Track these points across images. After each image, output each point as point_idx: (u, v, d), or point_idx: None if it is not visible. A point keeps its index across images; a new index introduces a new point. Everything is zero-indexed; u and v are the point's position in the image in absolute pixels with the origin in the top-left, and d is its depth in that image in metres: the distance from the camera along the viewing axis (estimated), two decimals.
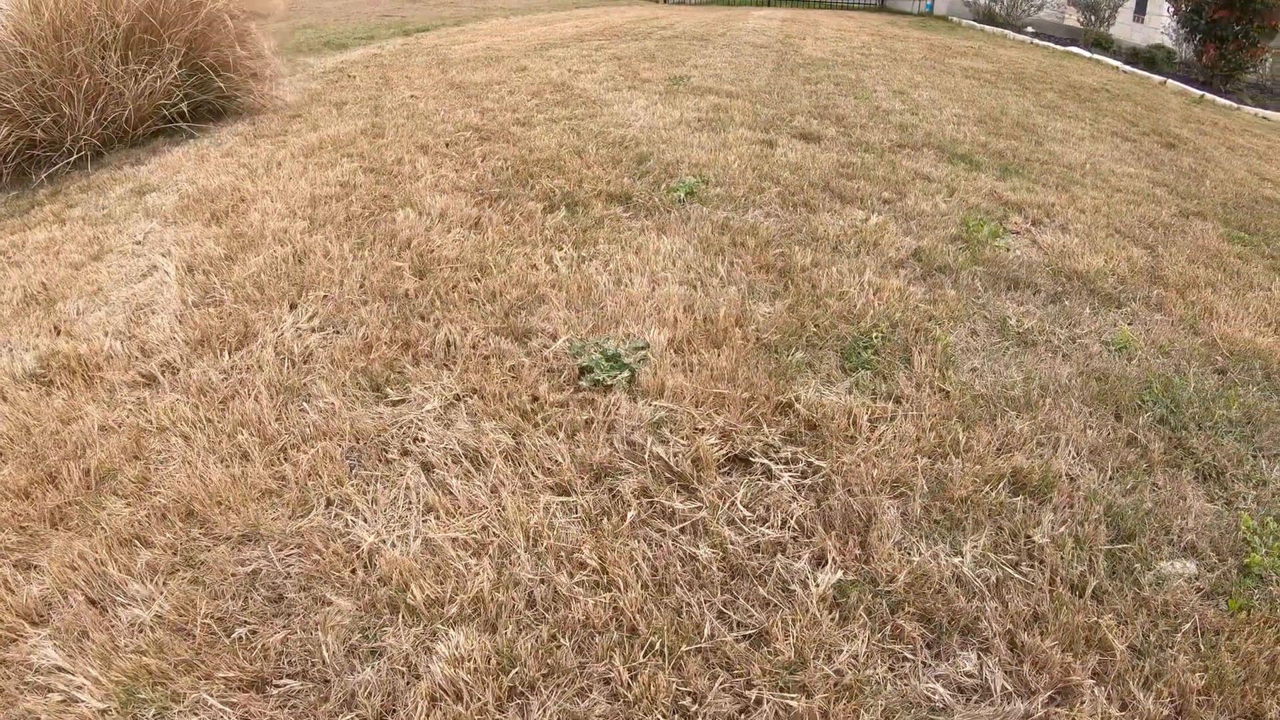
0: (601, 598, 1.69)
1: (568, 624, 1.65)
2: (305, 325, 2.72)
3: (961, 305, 2.97)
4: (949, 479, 2.00)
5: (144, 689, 1.67)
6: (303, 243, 3.34)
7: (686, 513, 1.91)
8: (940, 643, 1.68)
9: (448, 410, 2.30)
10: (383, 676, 1.62)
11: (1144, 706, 1.57)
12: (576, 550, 1.80)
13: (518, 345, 2.61)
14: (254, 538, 1.97)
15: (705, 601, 1.69)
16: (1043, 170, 4.91)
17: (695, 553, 1.80)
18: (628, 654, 1.58)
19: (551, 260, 3.17)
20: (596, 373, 2.36)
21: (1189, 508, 2.08)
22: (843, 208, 3.89)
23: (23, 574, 1.96)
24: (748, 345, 2.59)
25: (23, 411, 2.47)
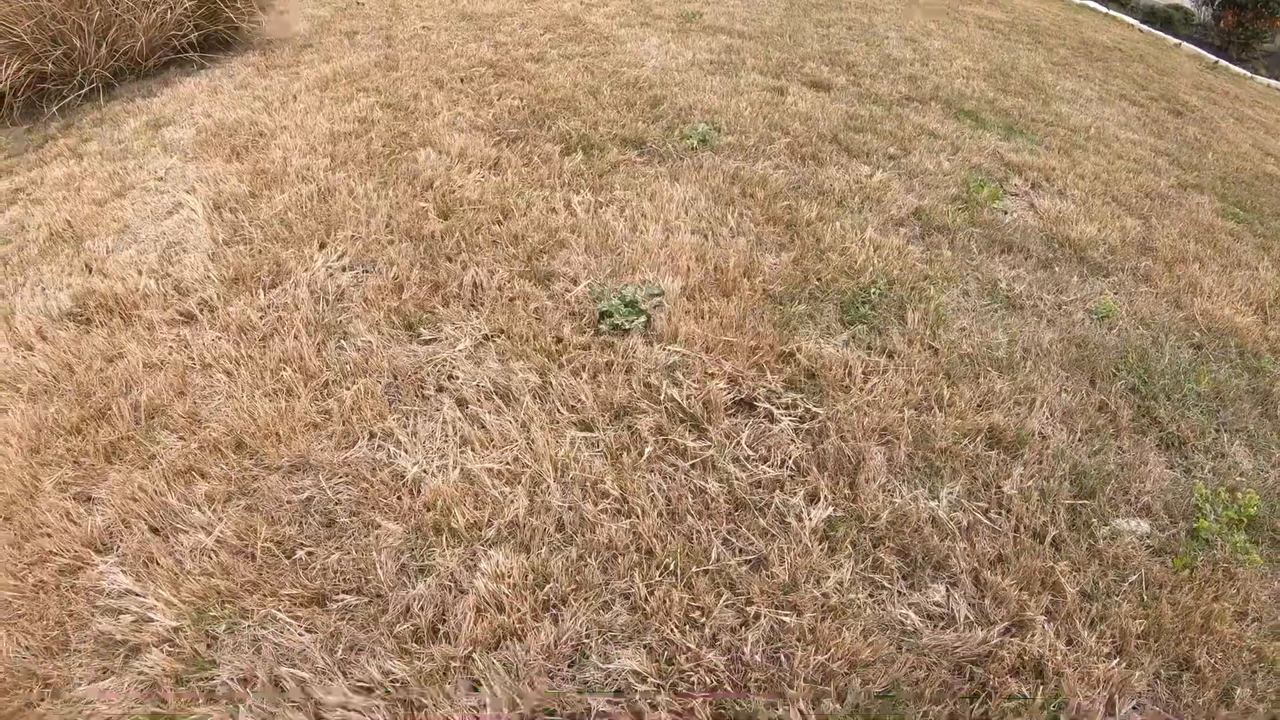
0: (622, 524, 1.96)
1: (593, 546, 1.92)
2: (336, 264, 2.90)
3: (956, 266, 3.17)
4: (932, 430, 2.26)
5: (214, 607, 1.89)
6: (326, 180, 3.47)
7: (697, 450, 2.16)
8: (914, 575, 1.95)
9: (478, 349, 2.51)
10: (433, 591, 1.87)
11: (1087, 643, 1.85)
12: (600, 481, 2.05)
13: (541, 289, 2.80)
14: (304, 468, 2.18)
15: (712, 530, 1.96)
16: (1047, 132, 5.04)
17: (704, 486, 2.06)
18: (646, 573, 1.85)
19: (570, 205, 3.33)
20: (615, 317, 2.57)
21: (1149, 472, 2.33)
22: (849, 162, 4.03)
23: (83, 506, 2.15)
24: (755, 295, 2.79)
25: (64, 350, 2.62)
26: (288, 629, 1.86)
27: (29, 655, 1.87)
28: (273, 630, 1.86)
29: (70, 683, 1.82)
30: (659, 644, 1.73)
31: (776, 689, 1.68)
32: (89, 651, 1.87)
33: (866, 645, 1.75)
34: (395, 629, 1.81)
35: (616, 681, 1.68)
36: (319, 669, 1.79)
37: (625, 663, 1.68)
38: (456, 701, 1.68)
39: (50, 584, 2.00)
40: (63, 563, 2.03)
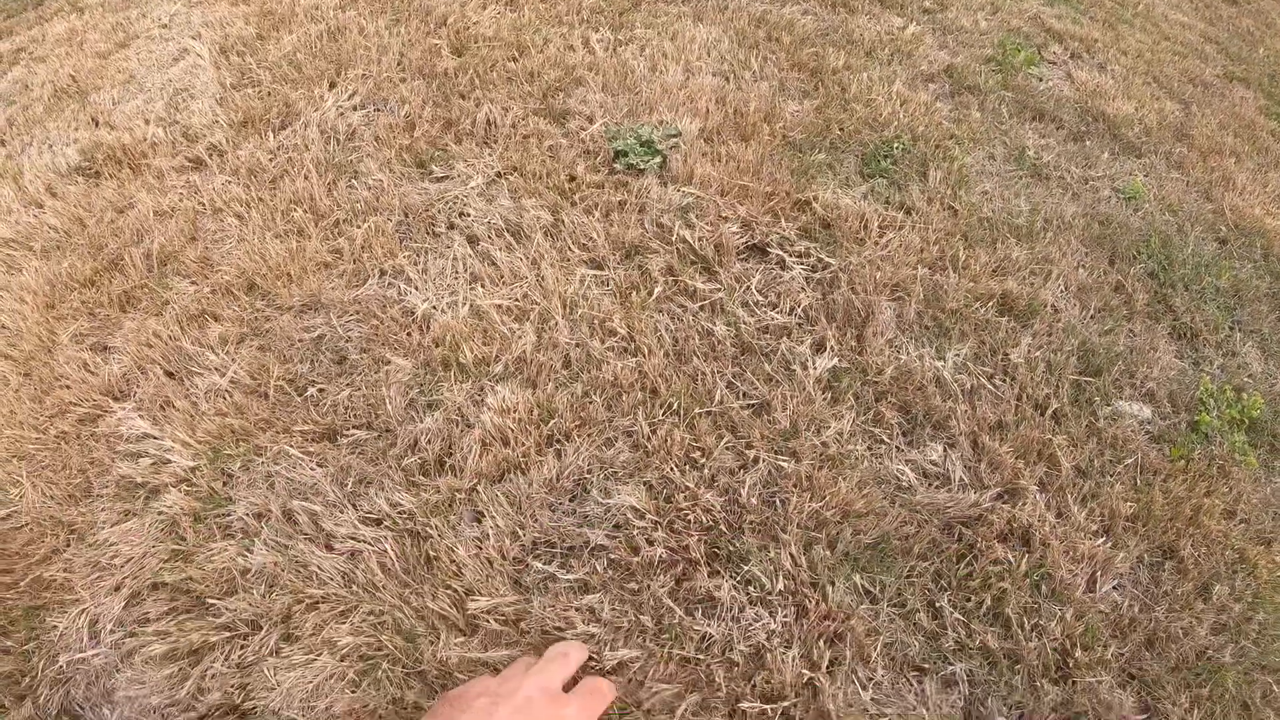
0: (628, 362, 1.97)
1: (599, 383, 1.94)
2: (346, 104, 2.84)
3: (984, 128, 3.08)
4: (944, 291, 2.24)
5: (228, 446, 1.95)
6: (336, 19, 3.35)
7: (706, 292, 2.15)
8: (914, 433, 1.98)
9: (490, 187, 2.48)
10: (440, 425, 1.91)
11: (1076, 518, 1.88)
12: (608, 319, 2.06)
13: (556, 126, 2.74)
14: (315, 307, 2.19)
15: (717, 372, 1.97)
16: (1093, 1, 4.77)
17: (712, 328, 2.07)
18: (649, 412, 1.88)
19: (588, 42, 3.23)
20: (631, 157, 2.52)
21: (1157, 359, 2.32)
22: (881, 12, 3.87)
23: (100, 356, 2.19)
24: (774, 141, 2.73)
25: (74, 205, 2.61)
26: (300, 464, 1.92)
27: (53, 503, 1.94)
28: (285, 466, 1.92)
29: (94, 527, 1.91)
30: (659, 482, 1.78)
31: (771, 532, 1.74)
32: (110, 496, 1.94)
33: (861, 496, 1.79)
34: (403, 462, 1.86)
35: (615, 517, 1.73)
36: (330, 502, 1.85)
37: (625, 499, 1.73)
38: (461, 532, 1.74)
39: (71, 434, 2.06)
40: (82, 412, 2.08)
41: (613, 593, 1.64)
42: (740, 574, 1.69)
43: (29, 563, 1.90)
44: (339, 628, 1.69)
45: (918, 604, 1.73)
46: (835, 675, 1.62)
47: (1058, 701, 1.66)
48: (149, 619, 1.79)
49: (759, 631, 1.61)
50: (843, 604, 1.67)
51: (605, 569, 1.66)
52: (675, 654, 1.61)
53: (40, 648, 1.79)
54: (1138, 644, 1.75)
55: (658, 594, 1.63)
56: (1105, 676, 1.69)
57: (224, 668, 1.70)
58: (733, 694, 1.58)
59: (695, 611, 1.64)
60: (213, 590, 1.78)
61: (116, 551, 1.88)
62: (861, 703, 1.61)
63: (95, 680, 1.75)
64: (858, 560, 1.74)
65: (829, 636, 1.64)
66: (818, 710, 1.59)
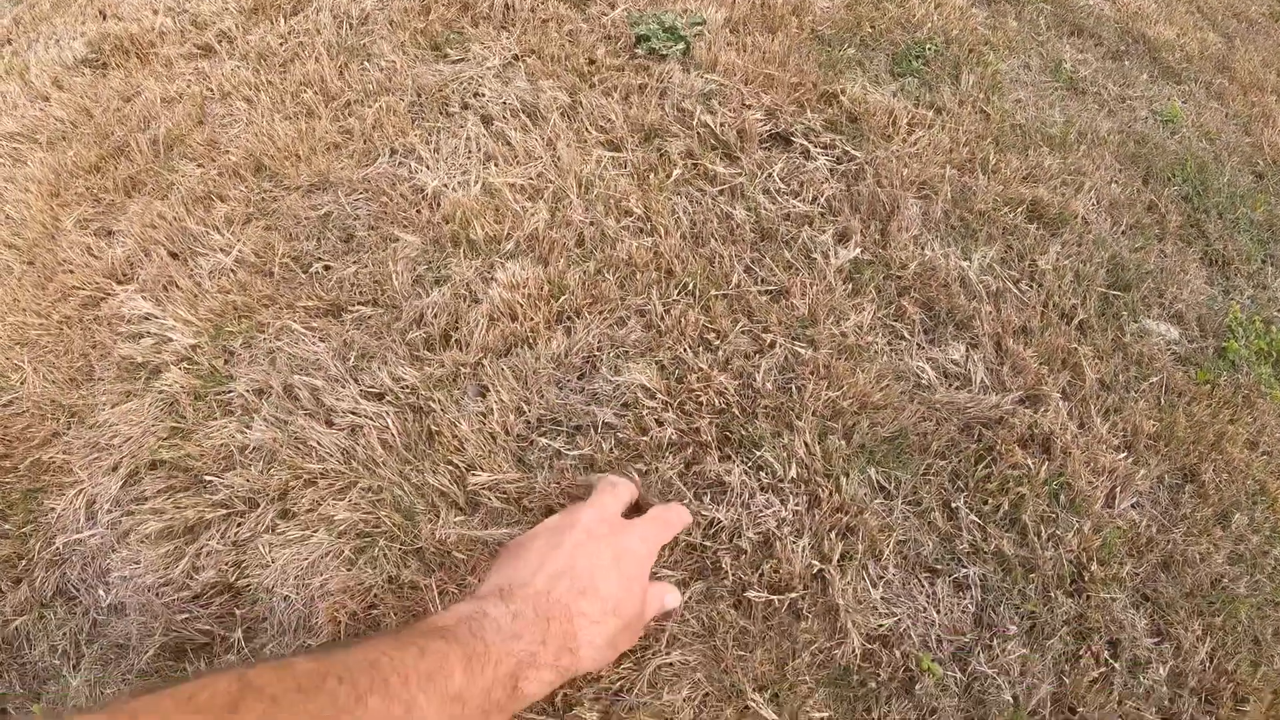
0: (644, 241, 1.88)
1: (612, 261, 1.85)
2: None
3: (1020, 38, 2.94)
4: (972, 192, 2.13)
5: (230, 323, 1.90)
6: None
7: (727, 177, 2.05)
8: (936, 331, 1.89)
9: (506, 69, 2.37)
10: (447, 300, 1.84)
11: (1099, 430, 1.80)
12: (624, 199, 1.96)
13: (576, 11, 2.62)
14: (323, 186, 2.12)
15: (735, 256, 1.88)
16: None
17: (731, 212, 1.97)
18: (663, 291, 1.80)
19: None
20: (653, 42, 2.40)
21: (1188, 281, 2.21)
22: None
23: (105, 240, 2.15)
24: (802, 34, 2.60)
25: (80, 96, 2.54)
26: (302, 340, 1.86)
27: (55, 388, 1.91)
28: (287, 342, 1.86)
29: (94, 409, 1.87)
30: (671, 362, 1.70)
31: (785, 419, 1.66)
32: (112, 378, 1.90)
33: (879, 389, 1.71)
34: (407, 336, 1.79)
35: (625, 395, 1.66)
36: (331, 377, 1.79)
37: (635, 377, 1.65)
38: (464, 407, 1.68)
39: (74, 318, 2.01)
40: (85, 296, 2.04)
41: (619, 473, 1.58)
42: (752, 459, 1.62)
43: (28, 446, 1.87)
44: (336, 504, 1.63)
45: (933, 503, 1.66)
46: (846, 570, 1.56)
47: (1071, 615, 1.59)
48: (145, 497, 1.75)
49: (769, 519, 1.55)
50: (856, 497, 1.60)
51: (612, 448, 1.60)
52: (681, 539, 1.55)
53: (38, 530, 1.76)
54: (1153, 565, 1.68)
55: (666, 476, 1.57)
56: (1120, 595, 1.62)
57: (219, 545, 1.66)
58: (739, 582, 1.52)
59: (704, 496, 1.58)
60: (210, 467, 1.73)
61: (116, 432, 1.84)
62: (871, 600, 1.55)
63: (91, 561, 1.72)
64: (873, 454, 1.67)
65: (841, 529, 1.57)
66: (826, 604, 1.53)
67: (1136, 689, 1.55)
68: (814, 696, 1.47)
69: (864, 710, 1.49)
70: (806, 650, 1.49)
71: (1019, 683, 1.53)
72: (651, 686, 1.46)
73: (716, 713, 1.46)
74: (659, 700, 1.44)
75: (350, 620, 1.57)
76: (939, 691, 1.51)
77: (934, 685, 1.51)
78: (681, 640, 1.50)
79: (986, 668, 1.53)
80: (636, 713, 1.43)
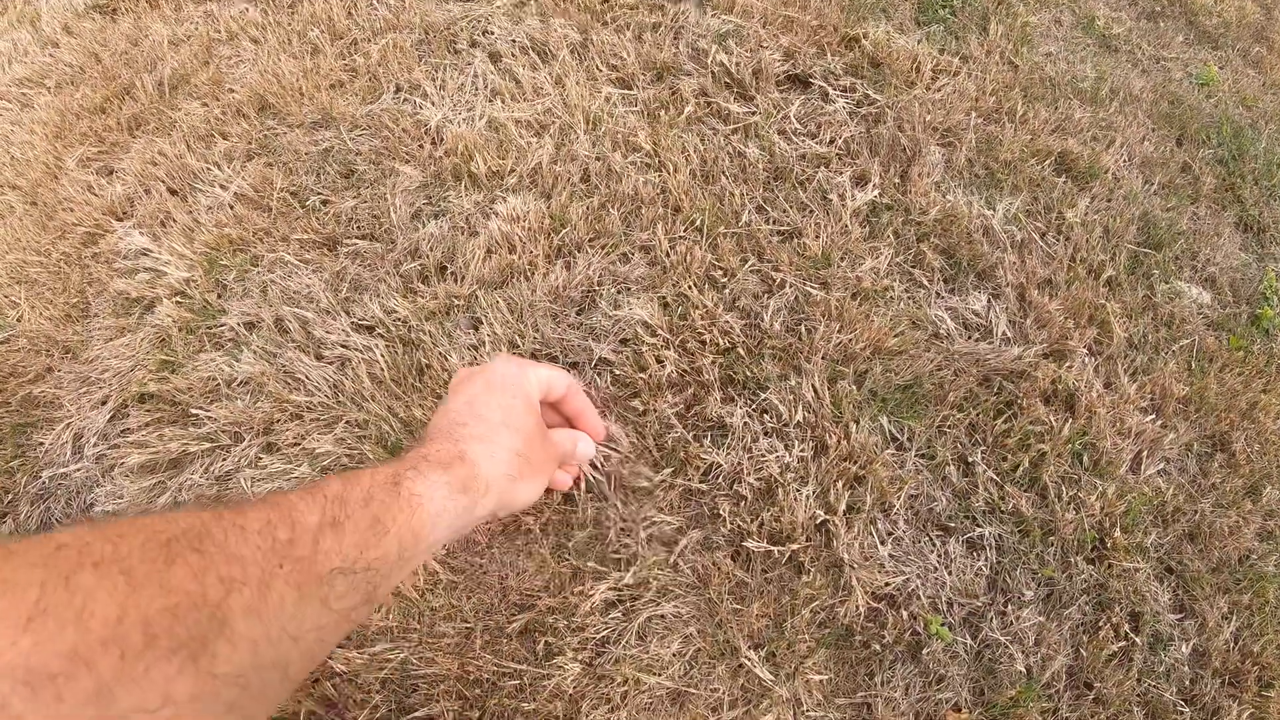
0: (651, 177, 1.75)
1: (618, 196, 1.73)
2: None
3: None
4: (998, 142, 1.98)
5: (225, 257, 1.83)
6: None
7: (741, 116, 1.92)
8: (956, 280, 1.76)
9: (517, 9, 2.24)
10: (444, 232, 1.73)
11: (1126, 391, 1.67)
12: (633, 135, 1.84)
13: None
14: (326, 123, 2.03)
15: (746, 194, 1.75)
16: None
17: (744, 151, 1.83)
18: (669, 228, 1.67)
19: None
20: None
21: (1221, 245, 2.07)
22: None
23: (105, 178, 2.09)
24: None
25: (89, 41, 2.48)
26: (296, 272, 1.77)
27: (50, 324, 1.85)
28: (281, 274, 1.78)
29: (88, 344, 1.81)
30: (674, 299, 1.58)
31: (793, 361, 1.54)
32: (107, 313, 1.83)
33: (894, 334, 1.59)
34: (401, 268, 1.69)
35: (624, 331, 1.54)
36: (323, 309, 1.70)
37: (636, 312, 1.53)
38: (456, 339, 1.57)
39: (73, 255, 1.96)
40: (84, 232, 1.98)
41: (615, 410, 1.47)
42: (756, 402, 1.49)
43: (20, 381, 1.81)
44: (321, 438, 1.54)
45: (948, 456, 1.54)
46: (852, 523, 1.44)
47: (1090, 583, 1.47)
48: (131, 430, 1.67)
49: (772, 464, 1.43)
50: (866, 445, 1.48)
51: (609, 384, 1.48)
52: (678, 483, 1.44)
53: (25, 465, 1.70)
54: (1179, 535, 1.56)
55: (665, 415, 1.45)
56: (1143, 565, 1.50)
57: (202, 479, 1.57)
58: (738, 531, 1.41)
59: (704, 438, 1.46)
60: (197, 400, 1.64)
61: (106, 366, 1.78)
62: (879, 557, 1.43)
63: (75, 495, 1.66)
64: (886, 401, 1.54)
65: (849, 479, 1.45)
66: (830, 558, 1.42)
67: (1157, 666, 1.43)
68: (813, 657, 1.36)
69: (865, 674, 1.38)
70: (807, 607, 1.38)
71: (1033, 653, 1.41)
72: (640, 639, 1.36)
73: (708, 669, 1.35)
74: (647, 653, 1.34)
75: None
76: (947, 658, 1.39)
77: (942, 650, 1.39)
78: (673, 591, 1.39)
79: (999, 635, 1.41)
80: (622, 664, 1.33)
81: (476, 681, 1.33)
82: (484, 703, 1.32)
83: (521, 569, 1.41)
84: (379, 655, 1.37)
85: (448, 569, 1.41)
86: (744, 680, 1.34)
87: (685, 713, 1.32)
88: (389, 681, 1.36)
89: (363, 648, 1.38)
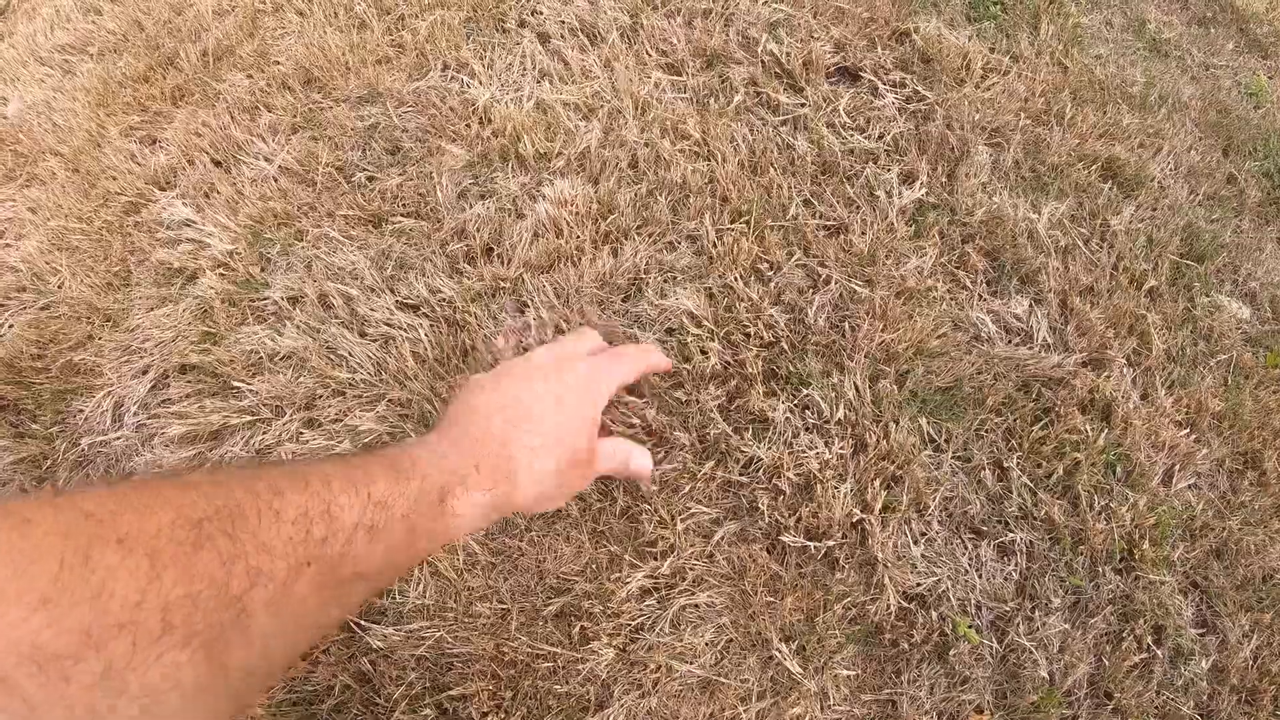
0: (699, 166, 1.73)
1: (666, 184, 1.71)
2: None
3: None
4: (1046, 144, 1.94)
5: (269, 230, 1.82)
6: None
7: (790, 107, 1.89)
8: (1000, 283, 1.74)
9: None
10: (491, 214, 1.72)
11: (1162, 404, 1.64)
12: (681, 123, 1.82)
13: None
14: (372, 98, 2.01)
15: (794, 187, 1.73)
16: None
17: (792, 143, 1.81)
18: (717, 218, 1.65)
19: None
20: None
21: (1264, 260, 2.03)
22: None
23: (149, 148, 2.08)
24: None
25: (132, 8, 2.47)
26: (340, 248, 1.76)
27: (92, 291, 1.85)
28: (325, 250, 1.77)
29: (129, 313, 1.81)
30: (720, 290, 1.56)
31: (836, 358, 1.53)
32: (149, 283, 1.83)
33: (936, 336, 1.57)
34: (448, 248, 1.68)
35: (670, 320, 1.53)
36: (367, 286, 1.70)
37: (683, 302, 1.52)
38: (501, 322, 1.57)
39: (114, 224, 1.95)
40: (126, 201, 1.98)
41: (658, 400, 1.46)
42: (798, 398, 1.49)
43: (61, 348, 1.82)
44: (363, 415, 1.54)
45: (984, 460, 1.53)
46: (888, 522, 1.43)
47: (1117, 594, 1.46)
48: (172, 401, 1.67)
49: (811, 460, 1.42)
50: (904, 446, 1.47)
51: (654, 374, 1.48)
52: (719, 475, 1.43)
53: (64, 431, 1.70)
54: (1206, 551, 1.54)
55: (707, 407, 1.44)
56: (1169, 578, 1.48)
57: (242, 450, 1.58)
58: (775, 525, 1.41)
59: (745, 431, 1.45)
60: (239, 373, 1.65)
61: (148, 335, 1.79)
62: (911, 557, 1.43)
63: (114, 464, 1.66)
64: (926, 403, 1.53)
65: (886, 478, 1.45)
66: (864, 556, 1.41)
67: (1176, 680, 1.42)
68: (842, 653, 1.36)
69: (893, 672, 1.38)
70: (839, 603, 1.38)
71: (1057, 659, 1.41)
72: (674, 626, 1.36)
73: (739, 660, 1.35)
74: (680, 641, 1.34)
75: None
76: (973, 660, 1.39)
77: (969, 653, 1.39)
78: (709, 581, 1.39)
79: (1025, 640, 1.41)
80: (655, 651, 1.33)
81: (511, 662, 1.34)
82: (518, 683, 1.33)
83: (559, 553, 1.41)
84: (415, 633, 1.37)
85: (486, 550, 1.42)
86: (774, 672, 1.34)
87: (715, 701, 1.32)
88: (424, 659, 1.37)
89: (399, 625, 1.39)
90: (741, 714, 1.31)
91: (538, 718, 1.33)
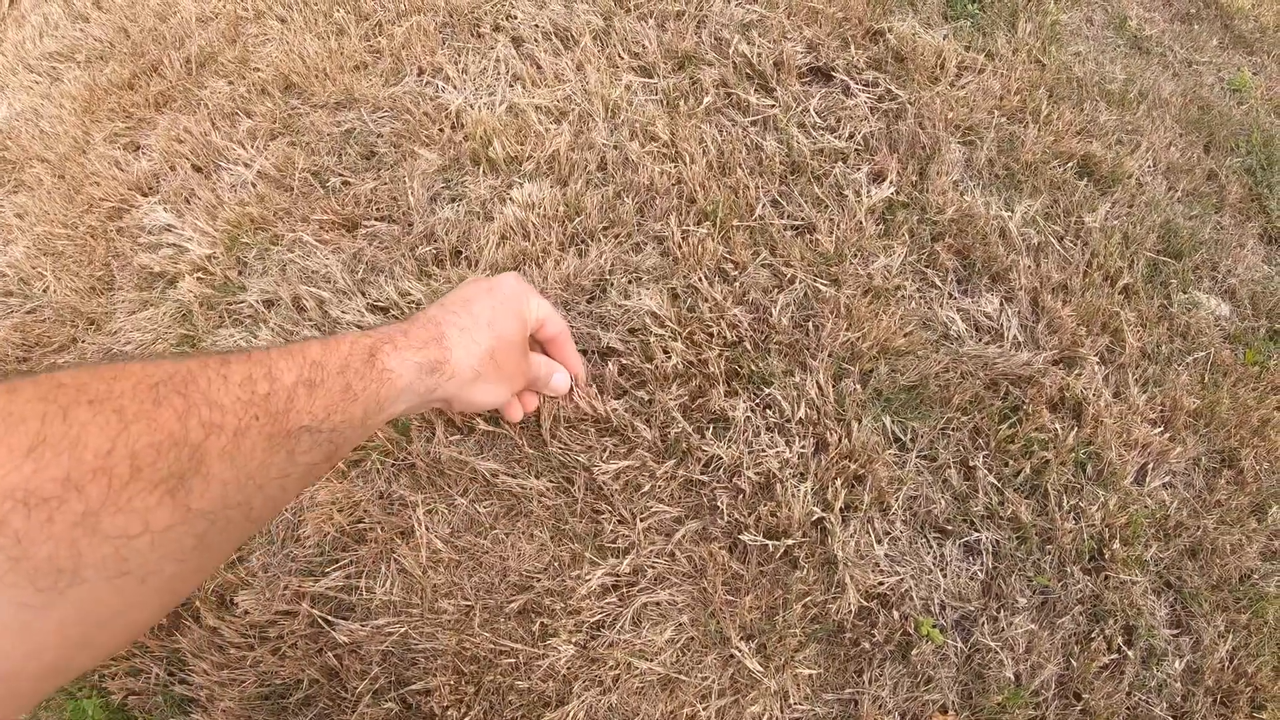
0: (667, 168, 1.72)
1: (633, 186, 1.70)
2: None
3: None
4: (1020, 142, 1.92)
5: (246, 235, 1.83)
6: None
7: (760, 108, 1.87)
8: (970, 281, 1.72)
9: None
10: (460, 217, 1.72)
11: (1135, 402, 1.62)
12: (651, 125, 1.80)
13: None
14: (348, 104, 2.02)
15: (762, 188, 1.71)
16: None
17: (761, 143, 1.79)
18: (683, 219, 1.64)
19: None
20: None
21: (1244, 257, 2.00)
22: None
23: (132, 154, 2.10)
24: None
25: (119, 16, 2.49)
26: (315, 252, 1.77)
27: (75, 296, 1.88)
28: (300, 254, 1.78)
29: (111, 316, 1.84)
30: (684, 290, 1.55)
31: (799, 358, 1.51)
32: (131, 287, 1.86)
33: (902, 334, 1.55)
34: (417, 251, 1.68)
35: (633, 320, 1.52)
36: (339, 289, 1.70)
37: (645, 302, 1.51)
38: None
39: (98, 229, 1.98)
40: (110, 207, 2.00)
41: (620, 399, 1.45)
42: (760, 397, 1.47)
43: (45, 351, 1.85)
44: None
45: (950, 459, 1.51)
46: (849, 521, 1.42)
47: (1086, 594, 1.45)
48: None
49: (772, 459, 1.41)
50: (868, 444, 1.45)
51: (616, 373, 1.47)
52: (680, 474, 1.42)
53: None
54: (1180, 551, 1.52)
55: (668, 407, 1.43)
56: (1141, 578, 1.46)
57: None
58: (735, 524, 1.40)
59: (706, 431, 1.44)
60: None
61: (129, 338, 1.82)
62: (874, 556, 1.41)
63: None
64: (890, 401, 1.51)
65: (848, 478, 1.43)
66: (825, 555, 1.40)
67: (1148, 681, 1.40)
68: (803, 651, 1.35)
69: (854, 671, 1.37)
70: (799, 602, 1.37)
71: (1023, 660, 1.39)
72: (635, 624, 1.35)
73: (699, 658, 1.34)
74: (640, 639, 1.33)
75: (337, 534, 1.48)
76: (937, 660, 1.38)
77: (932, 653, 1.37)
78: (669, 580, 1.38)
79: (990, 640, 1.39)
80: (615, 649, 1.33)
81: (474, 658, 1.34)
82: (480, 678, 1.33)
83: (522, 551, 1.41)
84: (381, 629, 1.38)
85: (451, 547, 1.41)
86: (734, 671, 1.33)
87: (675, 699, 1.32)
88: (390, 654, 1.37)
89: (366, 621, 1.39)
90: (701, 712, 1.31)
91: (499, 712, 1.32)
